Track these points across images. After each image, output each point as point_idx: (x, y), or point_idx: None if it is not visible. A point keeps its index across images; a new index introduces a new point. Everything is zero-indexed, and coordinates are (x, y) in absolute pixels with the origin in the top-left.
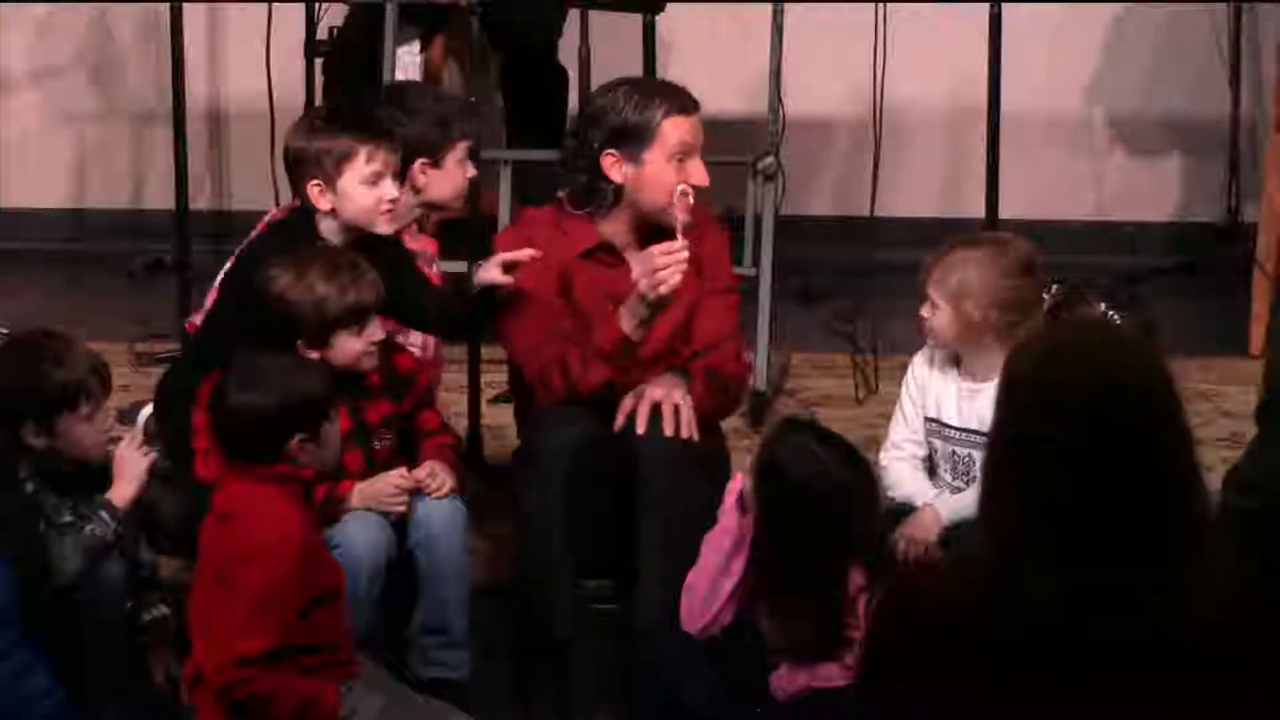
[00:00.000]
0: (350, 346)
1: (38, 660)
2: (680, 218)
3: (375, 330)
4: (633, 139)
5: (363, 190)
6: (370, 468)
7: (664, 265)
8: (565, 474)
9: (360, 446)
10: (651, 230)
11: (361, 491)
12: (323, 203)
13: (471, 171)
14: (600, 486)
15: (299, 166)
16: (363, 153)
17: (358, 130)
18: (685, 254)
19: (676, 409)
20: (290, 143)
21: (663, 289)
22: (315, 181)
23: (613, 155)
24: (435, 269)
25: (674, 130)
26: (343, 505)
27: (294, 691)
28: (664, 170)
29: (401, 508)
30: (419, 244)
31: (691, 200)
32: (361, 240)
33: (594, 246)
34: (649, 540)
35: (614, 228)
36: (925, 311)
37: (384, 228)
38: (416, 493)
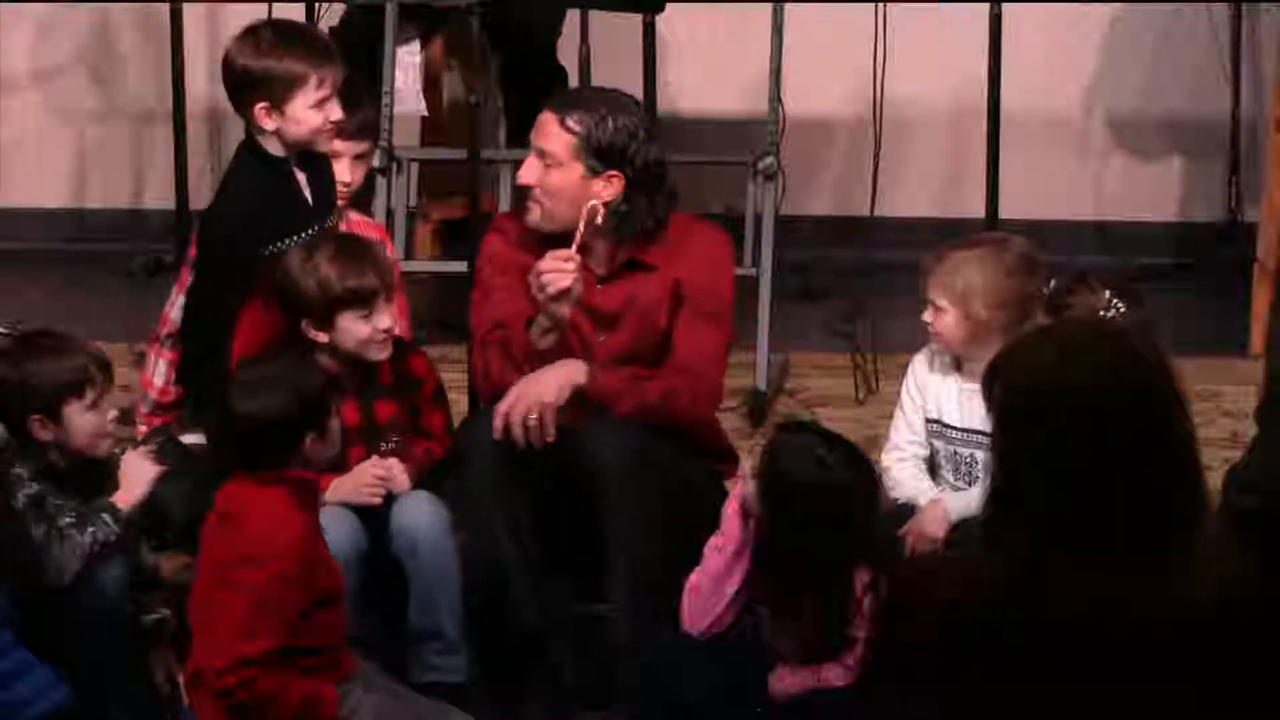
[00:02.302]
0: (356, 330)
1: (32, 662)
2: (580, 228)
3: (383, 318)
4: None
5: (311, 113)
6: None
7: (549, 269)
8: (496, 472)
9: (367, 444)
10: (618, 234)
11: (337, 486)
12: (268, 123)
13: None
14: (547, 480)
15: (246, 87)
16: (313, 78)
17: (307, 53)
18: (572, 265)
19: (540, 419)
20: (237, 61)
21: (549, 289)
22: (263, 104)
23: None
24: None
25: None
26: (319, 500)
27: (293, 692)
28: None
29: (376, 499)
30: (365, 230)
31: (599, 216)
32: (305, 156)
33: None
34: (610, 556)
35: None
36: (929, 316)
37: (325, 146)
38: (394, 497)
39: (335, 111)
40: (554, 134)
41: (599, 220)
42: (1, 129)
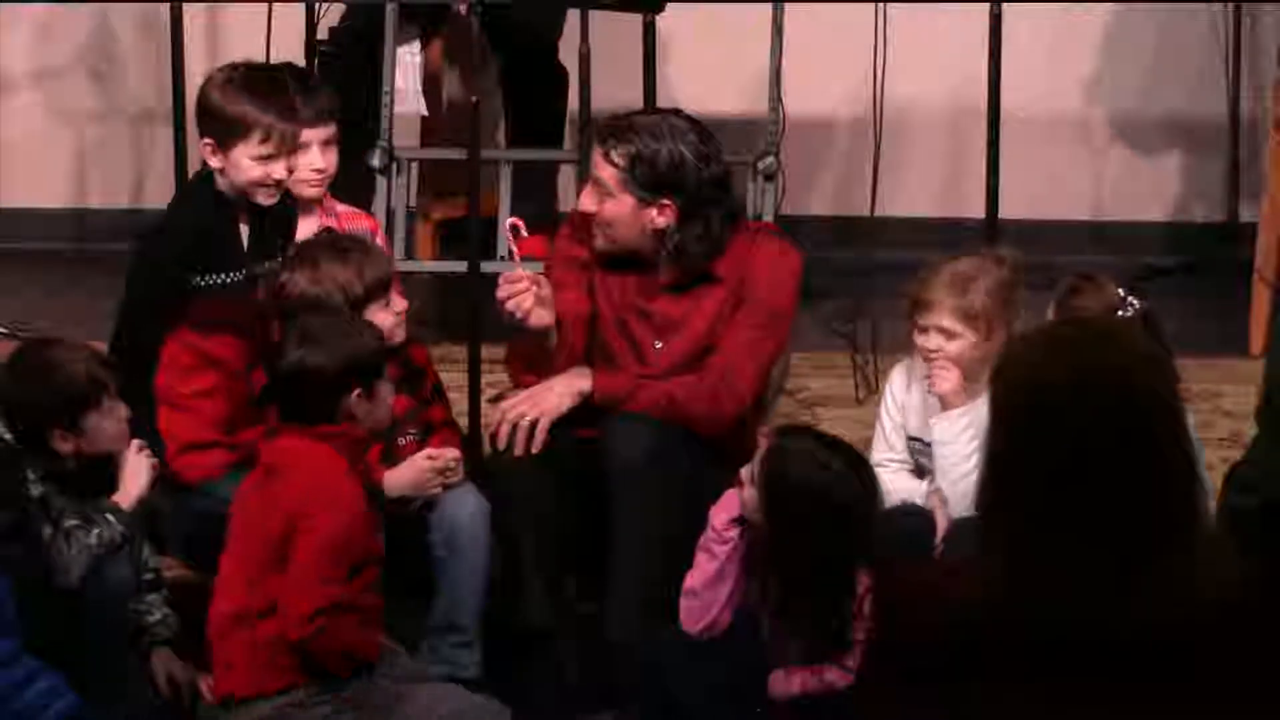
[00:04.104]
0: (383, 320)
1: (40, 669)
2: (511, 246)
3: (399, 300)
4: None
5: (250, 164)
6: (391, 464)
7: (505, 296)
8: (532, 470)
9: (385, 440)
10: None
11: (395, 478)
12: (212, 161)
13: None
14: (570, 483)
15: (201, 118)
16: (259, 132)
17: (264, 105)
18: (523, 284)
19: (533, 425)
20: (204, 88)
21: (518, 316)
22: (208, 141)
23: None
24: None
25: None
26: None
27: (366, 643)
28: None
29: (438, 490)
30: (356, 222)
31: (524, 233)
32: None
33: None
34: (617, 553)
35: None
36: (932, 343)
37: (263, 201)
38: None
39: (278, 171)
40: (601, 166)
41: (524, 233)
42: (1, 129)
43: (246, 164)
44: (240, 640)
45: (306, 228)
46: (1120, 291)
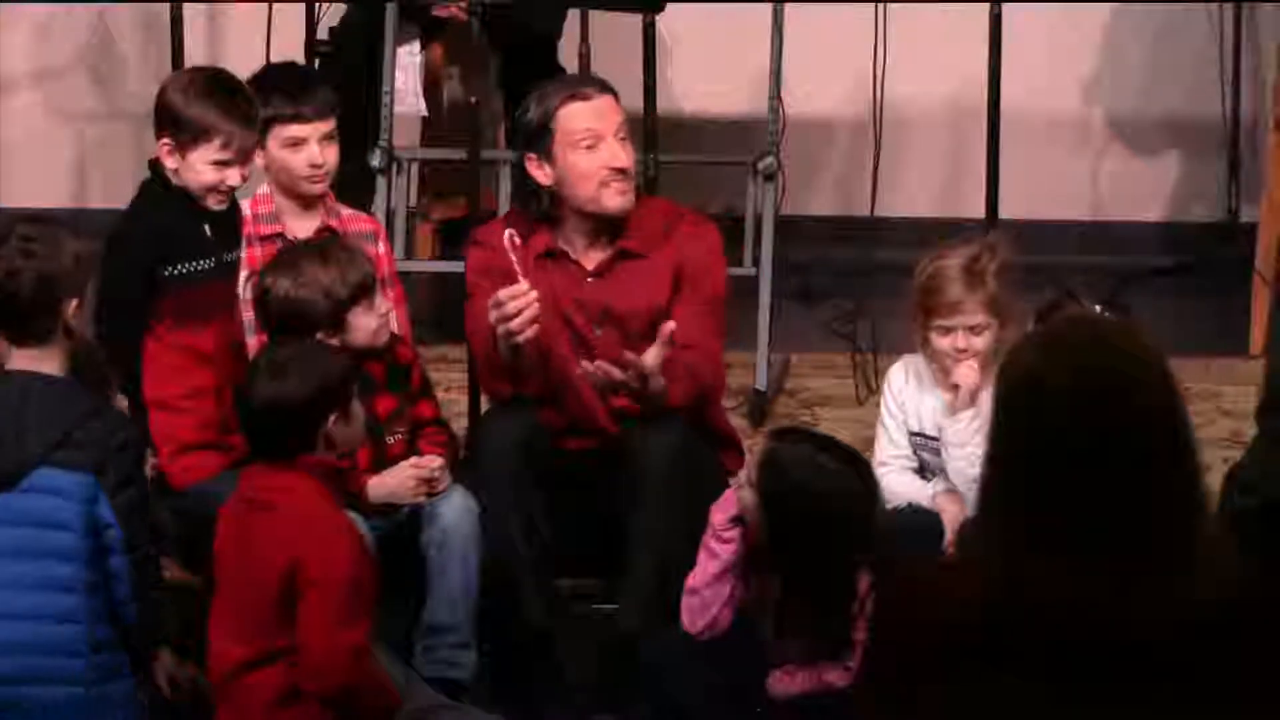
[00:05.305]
0: (366, 323)
1: (127, 665)
2: (513, 259)
3: (382, 302)
4: (540, 138)
5: (206, 169)
6: (380, 465)
7: (514, 311)
8: (510, 473)
9: (371, 441)
10: (604, 225)
11: (378, 485)
12: (168, 161)
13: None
14: (550, 483)
15: (160, 120)
16: (220, 137)
17: (225, 111)
18: (533, 294)
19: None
20: (164, 91)
21: (519, 339)
22: (166, 141)
23: (532, 158)
24: (381, 248)
25: (570, 118)
26: (360, 499)
27: (390, 686)
28: (577, 160)
29: (422, 499)
30: (359, 224)
31: (519, 242)
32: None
33: (545, 250)
34: (634, 545)
35: (565, 231)
36: (961, 341)
37: (213, 205)
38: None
39: (233, 177)
40: (619, 111)
41: (518, 242)
42: (1, 129)
43: (202, 168)
44: (247, 691)
45: (307, 227)
46: (1097, 309)
